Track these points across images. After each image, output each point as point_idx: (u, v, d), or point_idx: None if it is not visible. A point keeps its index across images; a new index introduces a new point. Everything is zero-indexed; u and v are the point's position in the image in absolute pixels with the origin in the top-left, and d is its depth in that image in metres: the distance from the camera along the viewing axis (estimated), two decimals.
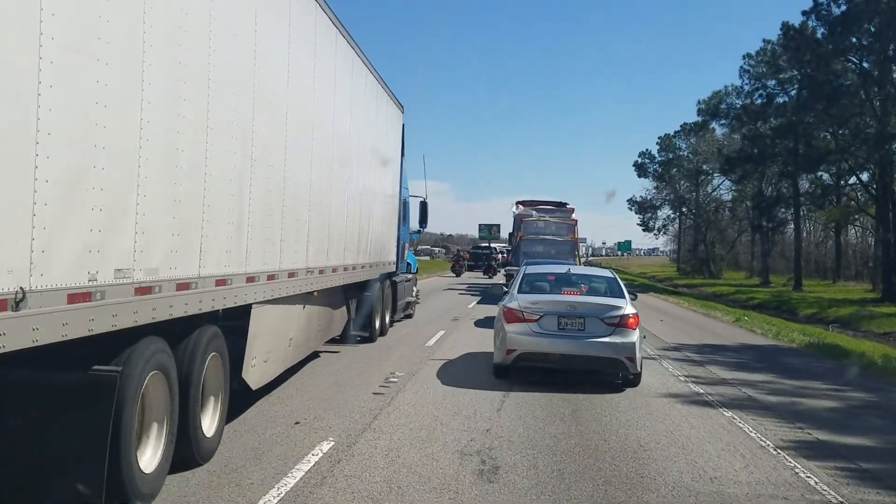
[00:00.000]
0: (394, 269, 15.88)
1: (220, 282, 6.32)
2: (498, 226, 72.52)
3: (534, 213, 30.54)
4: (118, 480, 4.78)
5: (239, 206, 6.73)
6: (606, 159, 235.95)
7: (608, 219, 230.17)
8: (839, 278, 54.21)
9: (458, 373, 11.27)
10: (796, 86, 48.11)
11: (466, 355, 13.22)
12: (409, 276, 18.63)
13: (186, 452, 5.92)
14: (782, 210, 57.45)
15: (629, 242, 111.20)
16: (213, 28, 5.96)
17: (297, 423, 7.73)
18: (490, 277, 48.03)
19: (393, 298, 16.11)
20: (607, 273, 12.54)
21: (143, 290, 5.01)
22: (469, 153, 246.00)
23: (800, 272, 50.67)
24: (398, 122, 15.92)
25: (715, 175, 74.82)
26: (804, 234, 61.77)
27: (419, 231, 20.56)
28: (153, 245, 5.14)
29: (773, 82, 51.18)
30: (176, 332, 5.76)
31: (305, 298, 9.49)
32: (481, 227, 77.66)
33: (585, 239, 69.83)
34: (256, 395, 8.26)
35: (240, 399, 7.66)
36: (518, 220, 30.95)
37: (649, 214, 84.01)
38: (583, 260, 37.10)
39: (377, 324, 14.34)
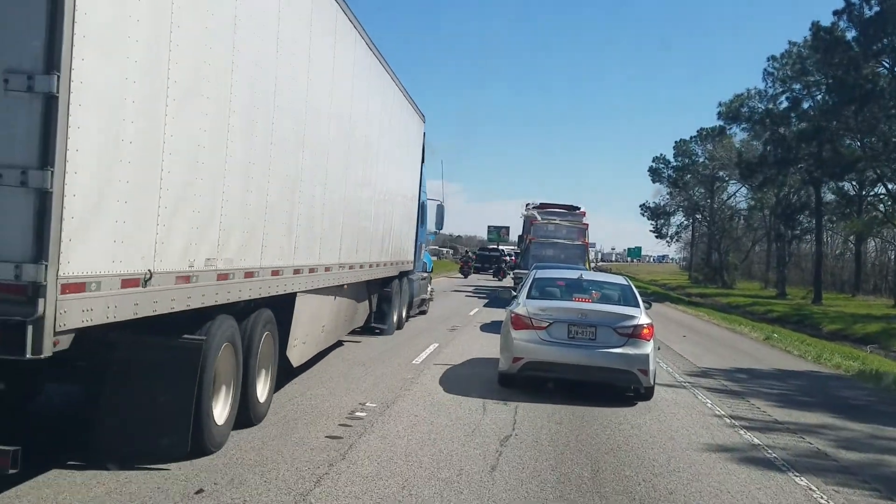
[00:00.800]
0: (411, 268, 17.10)
1: (275, 272, 7.58)
2: (507, 228, 71.72)
3: (544, 215, 30.43)
4: (199, 426, 6.01)
5: (290, 210, 7.99)
6: (621, 163, 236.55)
7: (618, 224, 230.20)
8: (858, 292, 52.34)
9: (446, 401, 9.32)
10: (823, 89, 46.55)
11: (461, 372, 11.67)
12: (425, 274, 19.90)
13: (244, 413, 7.15)
14: (806, 218, 56.05)
15: (639, 249, 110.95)
16: (279, 64, 7.23)
17: (199, 490, 5.48)
18: (500, 280, 47.75)
19: (410, 295, 17.38)
20: (621, 280, 12.01)
21: (223, 276, 6.27)
22: (481, 154, 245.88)
23: (820, 285, 48.81)
24: (420, 130, 17.16)
25: (731, 182, 73.71)
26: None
27: (435, 232, 21.86)
28: (230, 240, 6.40)
29: (799, 86, 49.29)
30: (241, 312, 7.01)
31: (337, 291, 10.74)
32: (490, 229, 76.67)
33: (595, 244, 70.03)
34: None
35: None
36: (528, 223, 30.86)
37: (662, 221, 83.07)
38: (592, 265, 35.86)
39: (395, 318, 15.58)
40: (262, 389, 7.63)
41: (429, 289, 20.70)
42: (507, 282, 39.92)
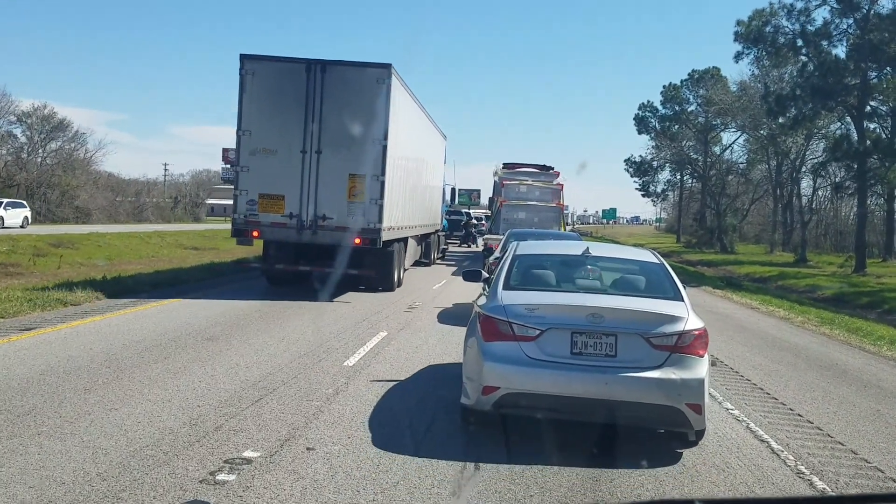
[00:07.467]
0: (439, 228, 29.64)
1: (405, 227, 20.12)
2: (478, 191, 69.29)
3: (515, 176, 29.32)
4: (394, 279, 18.60)
5: (410, 204, 20.49)
6: (604, 119, 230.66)
7: (592, 187, 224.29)
8: (890, 256, 46.08)
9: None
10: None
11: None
12: (445, 232, 32.45)
13: (398, 281, 19.58)
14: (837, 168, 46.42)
15: (614, 210, 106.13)
16: (419, 163, 19.74)
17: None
18: (468, 247, 44.37)
19: (438, 243, 29.97)
20: (648, 256, 8.18)
21: (400, 228, 18.89)
22: (452, 115, 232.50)
23: (864, 249, 40.70)
24: (443, 145, 29.64)
25: (729, 130, 66.68)
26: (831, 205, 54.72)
27: (449, 205, 34.56)
28: (401, 216, 18.99)
29: None
30: (398, 241, 19.41)
31: (414, 238, 23.21)
32: (461, 193, 70.87)
33: (568, 206, 61.64)
34: None
35: None
36: (499, 184, 29.58)
37: (648, 177, 75.75)
38: (568, 229, 33.19)
39: (432, 257, 28.16)
40: (402, 273, 20.10)
41: (446, 241, 33.28)
42: (476, 250, 38.08)
